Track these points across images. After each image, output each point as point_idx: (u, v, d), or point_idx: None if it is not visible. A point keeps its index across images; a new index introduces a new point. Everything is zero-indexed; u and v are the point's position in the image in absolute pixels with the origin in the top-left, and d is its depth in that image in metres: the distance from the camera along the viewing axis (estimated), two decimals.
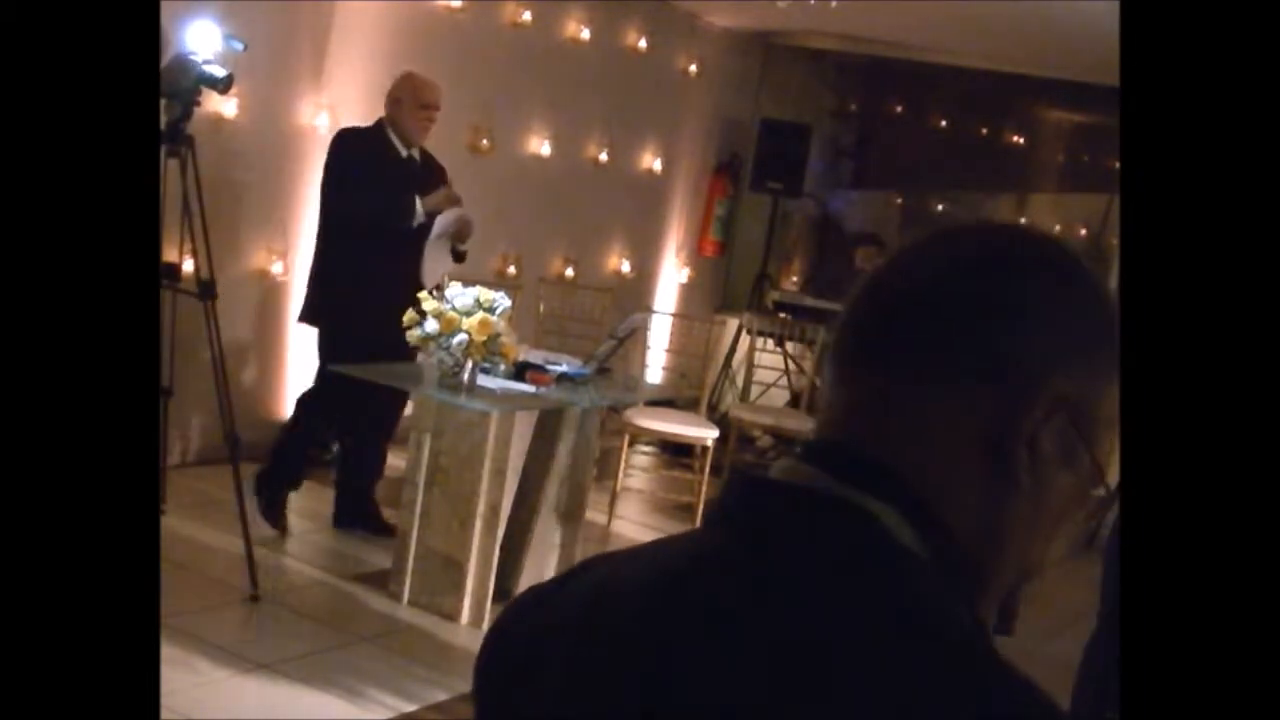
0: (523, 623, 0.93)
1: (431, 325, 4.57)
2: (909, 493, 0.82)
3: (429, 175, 5.28)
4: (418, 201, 5.07)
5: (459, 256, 5.36)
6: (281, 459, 5.25)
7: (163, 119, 4.30)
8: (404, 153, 5.18)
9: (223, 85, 4.43)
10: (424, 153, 5.27)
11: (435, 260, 5.20)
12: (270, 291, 6.17)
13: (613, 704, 0.82)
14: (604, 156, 8.00)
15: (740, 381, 8.02)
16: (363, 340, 4.95)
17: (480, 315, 4.57)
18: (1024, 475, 0.83)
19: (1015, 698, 0.76)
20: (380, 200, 5.01)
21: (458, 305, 4.57)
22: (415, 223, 5.05)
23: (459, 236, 5.28)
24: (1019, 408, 0.83)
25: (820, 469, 0.84)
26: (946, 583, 0.82)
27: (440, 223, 5.16)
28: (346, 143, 5.17)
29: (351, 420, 5.29)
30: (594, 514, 5.75)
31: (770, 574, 0.81)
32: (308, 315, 5.27)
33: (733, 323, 8.15)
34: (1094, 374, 0.85)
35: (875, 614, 0.78)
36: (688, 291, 9.08)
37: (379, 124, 5.21)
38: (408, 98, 5.15)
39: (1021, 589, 0.89)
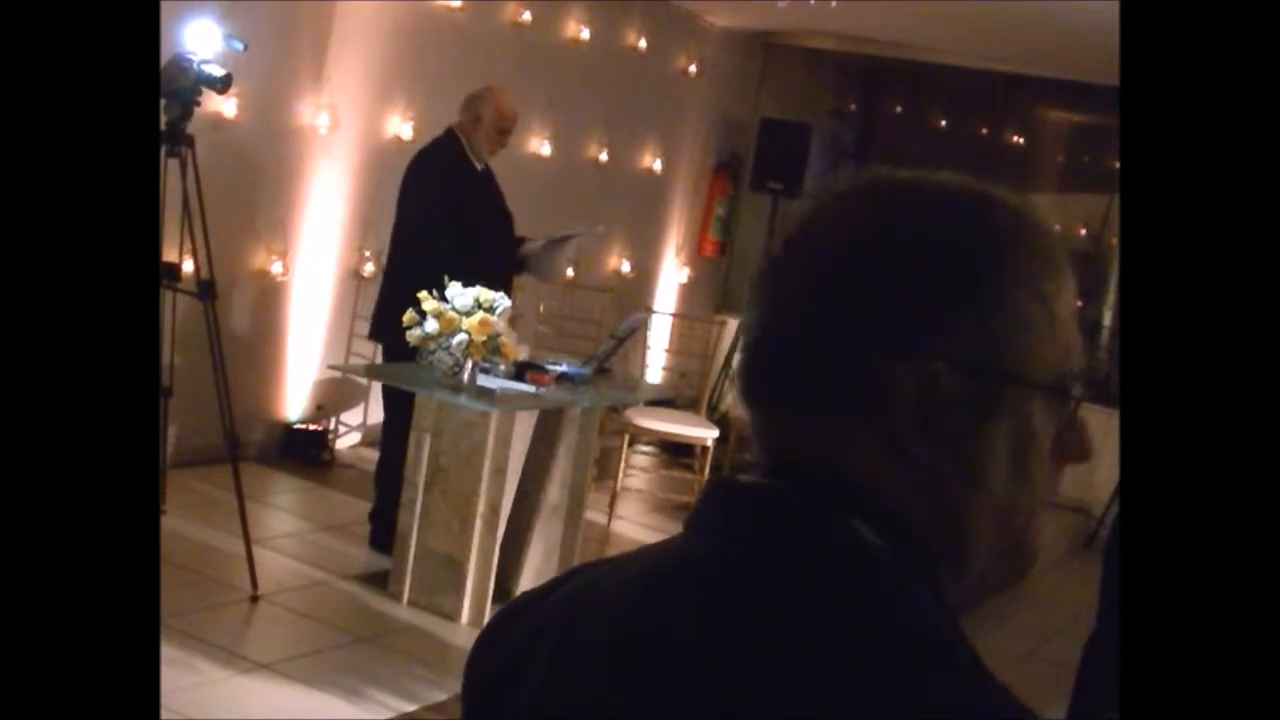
0: (511, 626, 0.94)
1: (431, 325, 4.57)
2: (865, 499, 0.82)
3: (496, 186, 5.31)
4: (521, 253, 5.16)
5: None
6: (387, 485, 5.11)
7: (163, 119, 4.30)
8: (479, 167, 5.20)
9: (221, 85, 4.43)
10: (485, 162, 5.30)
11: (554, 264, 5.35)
12: (270, 291, 6.17)
13: (588, 707, 0.83)
14: (604, 156, 8.00)
15: None
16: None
17: (480, 315, 4.57)
18: (940, 455, 0.81)
19: (992, 702, 0.76)
20: (464, 249, 4.95)
21: (458, 305, 4.57)
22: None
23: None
24: (892, 398, 0.81)
25: (784, 482, 0.84)
26: (918, 582, 0.81)
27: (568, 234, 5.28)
28: (429, 169, 5.12)
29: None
30: (594, 514, 5.75)
31: (744, 579, 0.81)
32: (375, 332, 5.31)
33: (733, 323, 8.14)
34: (980, 307, 0.82)
35: (850, 619, 0.78)
36: (688, 291, 9.08)
37: (452, 136, 5.18)
38: (490, 118, 5.15)
39: (1030, 532, 0.86)
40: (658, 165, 8.51)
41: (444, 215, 5.02)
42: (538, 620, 0.91)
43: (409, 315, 4.61)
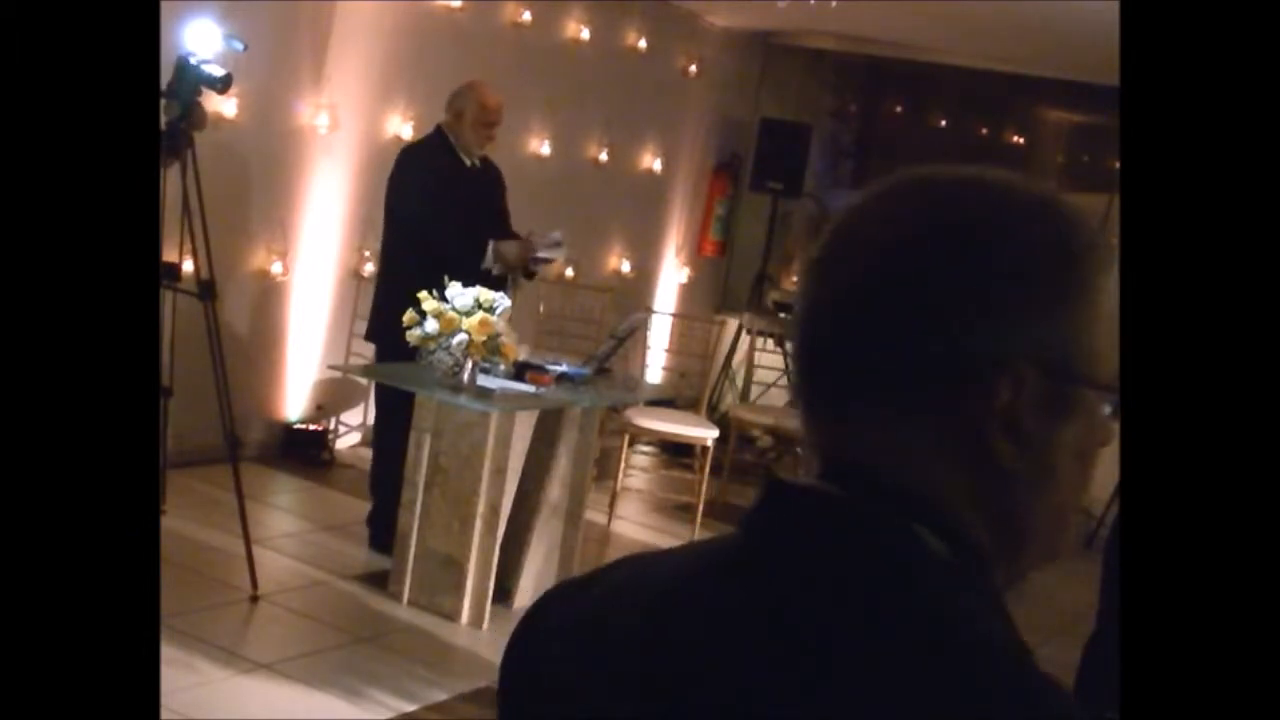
0: (548, 617, 0.93)
1: (431, 325, 4.57)
2: (926, 504, 0.80)
3: (490, 184, 5.30)
4: (490, 249, 5.06)
5: (529, 275, 5.42)
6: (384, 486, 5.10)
7: (162, 119, 4.30)
8: (468, 163, 5.19)
9: (221, 85, 4.43)
10: (483, 159, 5.28)
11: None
12: (270, 291, 6.17)
13: (614, 700, 0.82)
14: (604, 156, 8.00)
15: (740, 381, 8.02)
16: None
17: (480, 315, 4.57)
18: (1019, 463, 0.80)
19: (1053, 710, 0.75)
20: (451, 245, 4.98)
21: (458, 305, 4.57)
22: (483, 268, 5.00)
23: (544, 260, 5.35)
24: (984, 400, 0.79)
25: (843, 486, 0.82)
26: (978, 588, 0.80)
27: (544, 240, 5.22)
28: (414, 164, 5.13)
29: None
30: (594, 514, 5.75)
31: (800, 580, 0.79)
32: (370, 332, 5.32)
33: (733, 323, 8.14)
34: (1058, 308, 0.81)
35: (915, 625, 0.76)
36: (688, 291, 9.08)
37: (440, 133, 5.19)
38: (472, 113, 5.13)
39: (1071, 531, 0.86)
40: (658, 165, 8.51)
41: (424, 210, 5.02)
42: (573, 613, 0.90)
43: (409, 315, 4.61)
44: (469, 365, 4.57)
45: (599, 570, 0.94)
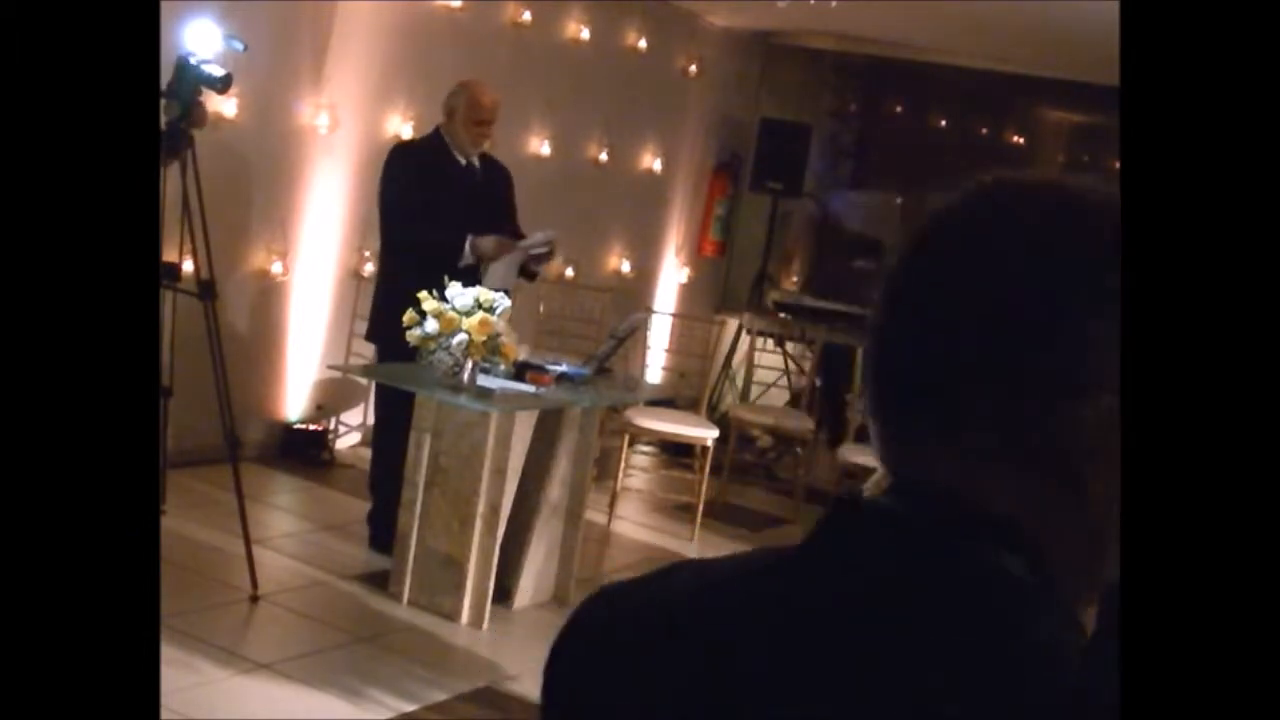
0: (593, 623, 0.91)
1: (431, 325, 4.57)
2: (1005, 527, 0.78)
3: (491, 183, 5.28)
4: (467, 244, 5.04)
5: (530, 276, 5.38)
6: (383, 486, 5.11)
7: (162, 119, 4.30)
8: (463, 162, 5.18)
9: (221, 85, 4.43)
10: (485, 158, 5.27)
11: (504, 270, 5.16)
12: (270, 291, 6.17)
13: (662, 710, 0.81)
14: (604, 156, 8.00)
15: (740, 381, 8.01)
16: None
17: (480, 315, 4.57)
18: (1100, 484, 0.79)
19: None
20: (427, 238, 4.99)
21: (458, 305, 4.57)
22: (462, 264, 4.98)
23: (539, 259, 5.28)
24: (1067, 421, 0.78)
25: (918, 505, 0.80)
26: (1060, 612, 0.79)
27: (529, 240, 5.19)
28: (401, 160, 5.15)
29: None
30: (594, 514, 5.75)
31: (857, 595, 0.78)
32: (369, 333, 5.35)
33: (733, 323, 8.15)
34: (1117, 323, 0.78)
35: (978, 638, 0.75)
36: (688, 291, 9.08)
37: (436, 132, 5.21)
38: (461, 111, 5.13)
39: None
40: (658, 165, 8.51)
41: (396, 205, 5.04)
42: (627, 617, 0.88)
43: (409, 315, 4.61)
44: (469, 365, 4.57)
45: (647, 576, 0.91)
